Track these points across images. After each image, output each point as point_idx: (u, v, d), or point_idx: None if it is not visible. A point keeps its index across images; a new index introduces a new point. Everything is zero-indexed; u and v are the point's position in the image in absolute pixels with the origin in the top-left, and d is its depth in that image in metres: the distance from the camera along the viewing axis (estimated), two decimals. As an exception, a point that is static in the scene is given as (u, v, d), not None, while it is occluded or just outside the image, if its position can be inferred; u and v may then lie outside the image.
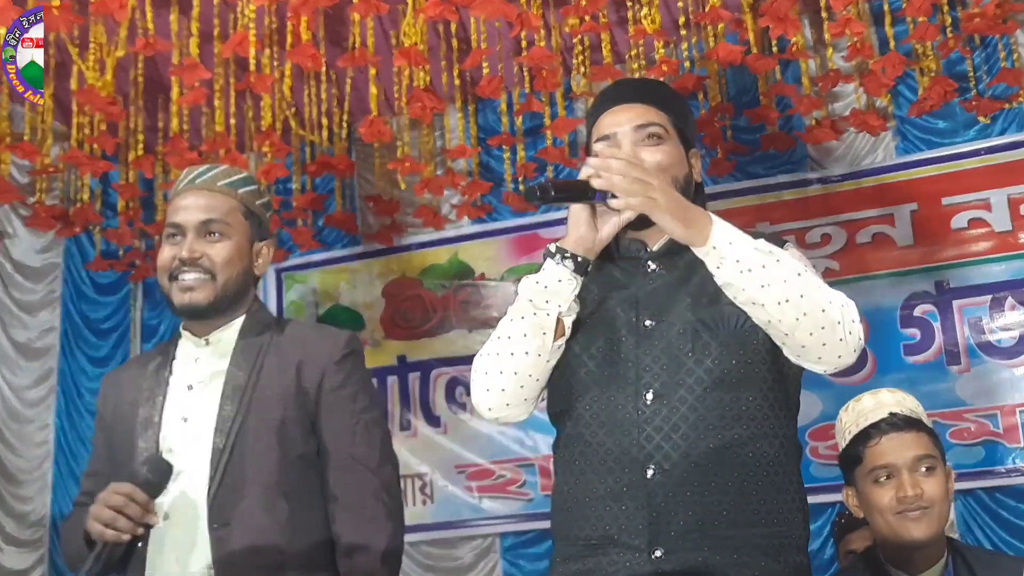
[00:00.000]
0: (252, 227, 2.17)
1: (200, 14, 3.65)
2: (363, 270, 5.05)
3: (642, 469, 1.71)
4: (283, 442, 2.06)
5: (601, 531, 1.74)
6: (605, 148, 1.76)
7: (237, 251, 2.13)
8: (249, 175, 2.24)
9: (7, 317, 4.90)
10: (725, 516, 1.69)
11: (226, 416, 2.06)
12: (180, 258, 2.09)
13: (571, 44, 4.17)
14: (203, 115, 4.34)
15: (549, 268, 1.75)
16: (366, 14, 3.52)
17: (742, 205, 4.50)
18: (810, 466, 4.18)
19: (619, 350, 1.79)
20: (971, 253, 4.16)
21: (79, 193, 4.65)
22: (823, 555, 4.10)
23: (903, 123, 4.36)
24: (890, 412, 2.26)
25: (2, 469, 4.75)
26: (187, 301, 2.09)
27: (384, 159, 4.75)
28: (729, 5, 3.76)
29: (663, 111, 1.89)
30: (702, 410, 1.72)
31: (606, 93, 2.00)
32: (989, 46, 4.21)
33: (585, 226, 1.75)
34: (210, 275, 2.10)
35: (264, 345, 2.14)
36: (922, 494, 2.19)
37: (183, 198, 2.14)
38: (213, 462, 2.02)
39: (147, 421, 2.09)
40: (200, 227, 2.10)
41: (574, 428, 1.81)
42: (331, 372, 2.12)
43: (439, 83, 4.37)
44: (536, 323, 1.75)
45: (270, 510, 2.02)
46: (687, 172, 1.88)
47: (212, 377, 2.12)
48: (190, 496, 2.02)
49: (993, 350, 4.07)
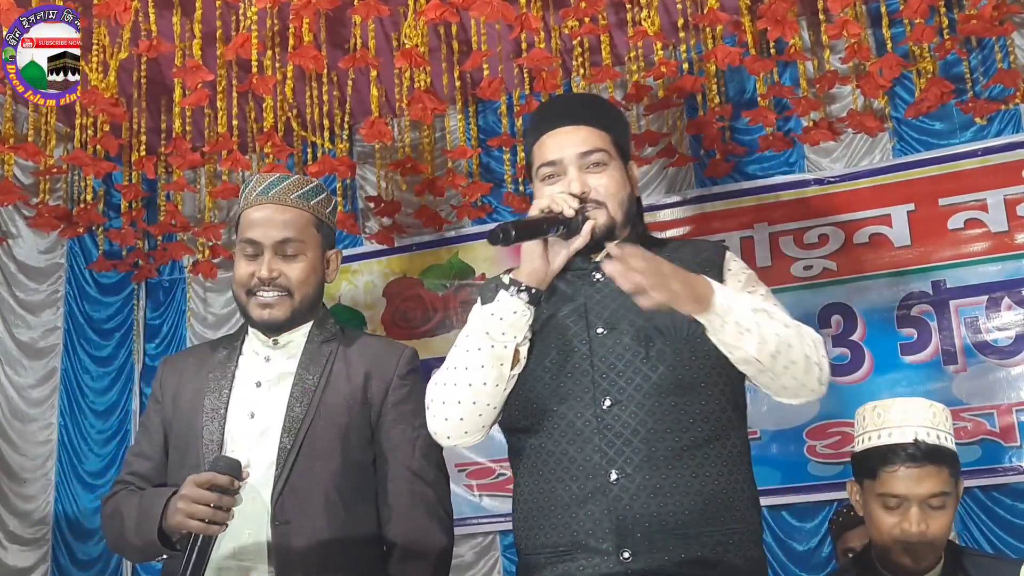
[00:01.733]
0: (324, 238, 2.22)
1: (203, 16, 3.67)
2: (364, 270, 5.07)
3: (605, 474, 1.77)
4: (346, 448, 2.10)
5: (568, 537, 1.79)
6: (625, 248, 1.70)
7: (312, 268, 2.18)
8: (319, 183, 2.25)
9: (11, 317, 4.92)
10: (687, 516, 1.75)
11: (295, 417, 2.09)
12: (260, 276, 2.13)
13: (571, 46, 4.19)
14: (206, 116, 4.36)
15: (504, 300, 1.81)
16: (367, 16, 3.54)
17: (740, 206, 4.53)
18: (808, 464, 4.20)
19: (573, 360, 1.84)
20: (968, 253, 4.18)
21: (82, 194, 4.67)
22: (820, 553, 4.13)
23: (900, 124, 4.37)
24: (915, 438, 2.20)
25: (6, 468, 4.77)
26: (266, 317, 2.14)
27: (385, 160, 4.78)
28: (727, 7, 3.79)
29: (604, 130, 1.94)
30: (660, 414, 1.78)
31: (545, 112, 2.04)
32: (986, 48, 4.23)
33: (539, 259, 1.82)
34: (287, 292, 2.14)
35: (332, 352, 2.18)
36: (926, 531, 2.18)
37: (257, 210, 2.16)
38: (280, 461, 2.06)
39: (214, 412, 2.12)
40: (277, 246, 2.14)
41: (534, 439, 1.86)
42: (396, 386, 2.17)
43: (440, 84, 4.39)
44: (494, 355, 1.80)
45: (329, 513, 2.06)
46: (630, 190, 1.94)
47: (280, 377, 2.16)
48: (253, 491, 2.04)
49: (990, 350, 4.09)
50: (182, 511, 1.92)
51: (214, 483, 1.92)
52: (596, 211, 1.87)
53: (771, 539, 4.25)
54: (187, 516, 1.91)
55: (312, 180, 2.26)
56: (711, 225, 4.55)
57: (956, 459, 2.24)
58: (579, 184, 1.87)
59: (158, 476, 2.17)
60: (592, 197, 1.87)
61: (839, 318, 4.27)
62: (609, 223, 1.88)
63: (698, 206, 4.60)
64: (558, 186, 1.88)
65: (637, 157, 4.44)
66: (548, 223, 1.77)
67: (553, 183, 1.90)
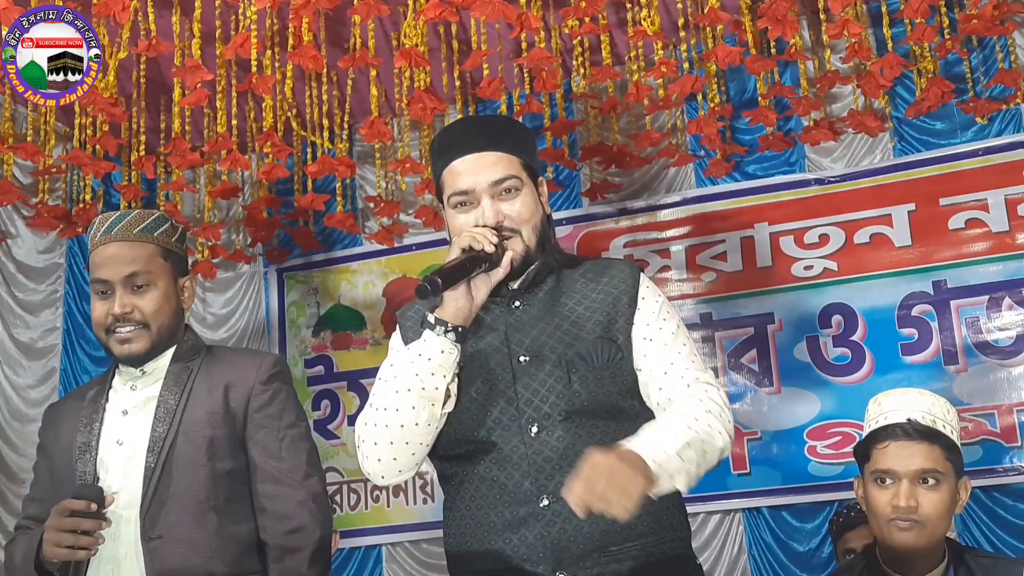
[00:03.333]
0: (173, 265, 2.28)
1: (202, 15, 3.67)
2: (364, 270, 5.07)
3: (536, 499, 1.80)
4: (212, 459, 2.17)
5: (503, 562, 1.81)
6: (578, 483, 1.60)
7: (164, 297, 2.24)
8: (161, 215, 2.31)
9: (10, 317, 4.92)
10: (619, 533, 1.78)
11: (157, 437, 2.17)
12: (113, 314, 2.19)
13: (571, 45, 4.19)
14: (205, 116, 4.36)
15: (431, 340, 1.82)
16: (367, 16, 3.54)
17: (741, 206, 4.53)
18: (808, 465, 4.20)
19: (498, 388, 1.87)
20: (969, 253, 4.18)
21: (81, 194, 4.67)
22: (821, 553, 4.13)
23: (901, 124, 4.37)
24: (908, 418, 2.22)
25: (5, 468, 4.77)
26: (127, 352, 2.22)
27: (385, 160, 4.78)
28: (728, 7, 3.79)
29: (514, 154, 1.95)
30: (585, 438, 1.81)
31: (454, 135, 2.03)
32: (987, 47, 4.23)
33: (464, 298, 1.82)
34: (143, 325, 2.21)
35: (194, 370, 2.26)
36: (916, 507, 2.17)
37: (103, 250, 2.22)
38: (146, 479, 2.13)
39: (85, 445, 2.20)
40: (126, 281, 2.20)
41: (465, 467, 1.88)
42: (257, 392, 2.24)
43: (439, 84, 4.39)
44: (424, 396, 1.81)
45: (200, 523, 2.13)
46: (542, 212, 1.97)
47: (146, 402, 2.23)
48: (124, 513, 2.12)
49: (990, 350, 4.09)
50: (48, 540, 2.05)
51: (71, 509, 2.04)
52: (512, 240, 1.90)
53: (771, 539, 4.25)
54: (54, 544, 2.04)
55: (154, 212, 2.32)
56: (711, 225, 4.55)
57: (954, 446, 2.23)
58: (493, 215, 1.89)
59: None
60: (507, 225, 1.90)
61: (840, 318, 4.27)
62: (524, 250, 1.91)
63: (698, 206, 4.60)
64: (472, 215, 1.90)
65: (638, 157, 4.45)
66: (472, 263, 1.79)
67: (466, 211, 1.92)
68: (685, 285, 4.53)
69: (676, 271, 4.52)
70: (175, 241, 2.31)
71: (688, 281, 4.53)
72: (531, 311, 1.93)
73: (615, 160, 4.43)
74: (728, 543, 4.33)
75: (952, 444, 2.23)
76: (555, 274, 1.97)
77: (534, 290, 1.95)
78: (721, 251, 4.52)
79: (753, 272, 4.44)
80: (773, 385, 4.33)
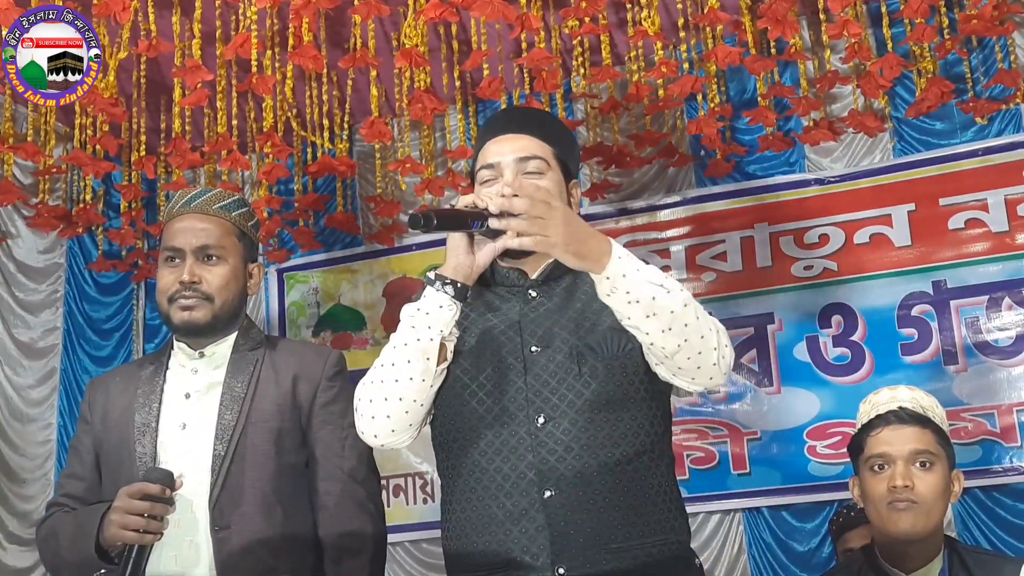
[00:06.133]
0: (245, 249, 2.28)
1: (202, 16, 3.67)
2: (364, 270, 5.07)
3: (539, 491, 1.79)
4: (279, 451, 2.16)
5: (503, 555, 1.80)
6: (506, 187, 1.73)
7: (233, 274, 2.23)
8: (241, 197, 2.32)
9: (10, 317, 4.92)
10: (620, 530, 1.78)
11: (226, 424, 2.14)
12: (181, 281, 2.18)
13: (571, 46, 4.19)
14: (205, 116, 4.36)
15: (429, 295, 1.81)
16: (367, 16, 3.54)
17: (740, 206, 4.53)
18: (808, 465, 4.20)
19: (508, 377, 1.86)
20: (968, 253, 4.18)
21: (82, 194, 4.67)
22: (821, 553, 4.13)
23: (900, 124, 4.37)
24: (899, 406, 2.29)
25: (5, 468, 4.77)
26: (186, 318, 2.18)
27: (385, 160, 4.78)
28: (728, 7, 3.79)
29: (547, 143, 1.95)
30: (592, 430, 1.81)
31: (493, 122, 2.07)
32: (986, 47, 4.23)
33: (463, 254, 1.81)
34: (208, 298, 2.19)
35: (259, 359, 2.23)
36: (912, 487, 2.20)
37: (179, 221, 2.22)
38: (214, 468, 2.11)
39: (144, 427, 2.16)
40: (198, 251, 2.20)
41: (468, 456, 1.86)
42: (324, 388, 2.23)
43: (440, 84, 4.39)
44: (419, 348, 1.80)
45: (267, 515, 2.11)
46: (567, 204, 1.93)
47: (209, 387, 2.20)
48: (190, 500, 2.09)
49: (990, 350, 4.09)
50: (116, 523, 2.00)
51: (145, 492, 2.00)
52: None
53: (771, 539, 4.25)
54: (121, 527, 1.99)
55: (234, 194, 2.32)
56: (711, 225, 4.56)
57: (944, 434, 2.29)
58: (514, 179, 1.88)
59: (91, 496, 2.21)
60: None
61: (839, 318, 4.27)
62: None
63: (698, 206, 4.60)
64: (495, 188, 1.87)
65: (638, 157, 4.44)
66: (472, 217, 1.75)
67: (490, 186, 1.91)
68: (685, 285, 4.49)
69: (676, 271, 4.51)
70: (251, 226, 2.31)
71: (688, 281, 4.52)
72: (547, 303, 1.92)
73: (615, 160, 4.43)
74: (728, 543, 4.33)
75: (942, 432, 2.29)
76: (575, 272, 1.94)
77: (552, 284, 1.95)
78: (721, 251, 4.52)
79: (753, 272, 4.44)
80: (773, 385, 4.33)
